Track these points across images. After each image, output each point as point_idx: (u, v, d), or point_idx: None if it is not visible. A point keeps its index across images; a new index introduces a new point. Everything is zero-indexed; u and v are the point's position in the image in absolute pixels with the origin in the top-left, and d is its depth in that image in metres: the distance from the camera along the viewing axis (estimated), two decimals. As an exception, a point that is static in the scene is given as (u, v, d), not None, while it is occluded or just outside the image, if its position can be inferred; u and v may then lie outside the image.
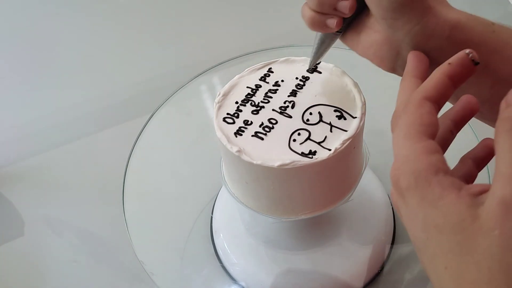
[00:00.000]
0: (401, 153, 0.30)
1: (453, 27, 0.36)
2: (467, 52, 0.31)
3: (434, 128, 0.30)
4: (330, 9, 0.40)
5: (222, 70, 0.73)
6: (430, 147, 0.29)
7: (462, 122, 0.36)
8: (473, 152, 0.37)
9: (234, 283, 0.60)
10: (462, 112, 0.35)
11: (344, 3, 0.39)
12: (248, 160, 0.45)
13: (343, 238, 0.60)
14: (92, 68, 0.91)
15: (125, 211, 0.60)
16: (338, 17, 0.40)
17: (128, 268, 0.64)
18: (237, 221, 0.63)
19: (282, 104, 0.49)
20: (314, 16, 0.41)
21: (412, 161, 0.29)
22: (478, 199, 0.26)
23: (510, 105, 0.26)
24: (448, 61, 0.32)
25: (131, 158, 0.65)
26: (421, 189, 0.28)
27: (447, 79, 0.31)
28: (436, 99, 0.31)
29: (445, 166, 0.28)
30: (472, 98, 0.35)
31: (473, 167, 0.37)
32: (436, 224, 0.27)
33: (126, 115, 0.82)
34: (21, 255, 0.67)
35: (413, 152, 0.29)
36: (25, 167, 0.77)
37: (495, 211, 0.24)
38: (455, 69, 0.32)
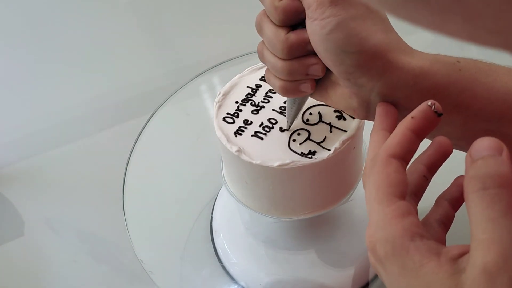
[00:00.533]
0: (373, 218, 0.29)
1: (417, 76, 0.35)
2: (429, 104, 0.31)
3: (403, 187, 0.30)
4: (301, 75, 0.39)
5: (222, 70, 0.73)
6: (402, 210, 0.29)
7: (436, 166, 0.35)
8: (448, 192, 0.37)
9: (234, 283, 0.60)
10: (435, 156, 0.35)
11: (315, 67, 0.38)
12: (247, 160, 0.45)
13: (342, 239, 0.60)
14: (92, 68, 0.91)
15: (125, 211, 0.60)
16: (311, 80, 0.40)
17: (128, 268, 0.64)
18: (237, 221, 0.63)
19: (282, 104, 0.49)
20: (285, 84, 0.40)
21: (385, 228, 0.28)
22: (459, 264, 0.26)
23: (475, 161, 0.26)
24: (411, 114, 0.31)
25: (131, 158, 0.65)
26: (399, 257, 0.27)
27: (411, 134, 0.31)
28: (401, 156, 0.31)
29: (419, 229, 0.28)
30: (444, 140, 0.34)
31: (449, 208, 0.36)
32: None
33: (126, 115, 0.82)
34: (21, 255, 0.67)
35: (385, 217, 0.29)
36: (25, 167, 0.77)
37: (479, 280, 0.24)
38: (418, 123, 0.31)
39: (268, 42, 0.40)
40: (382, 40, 0.35)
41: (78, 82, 0.89)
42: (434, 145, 0.34)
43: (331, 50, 0.35)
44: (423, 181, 0.35)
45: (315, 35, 0.36)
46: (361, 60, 0.35)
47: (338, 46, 0.35)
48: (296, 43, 0.38)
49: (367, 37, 0.35)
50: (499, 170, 0.25)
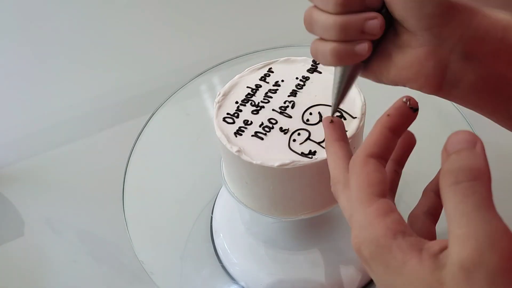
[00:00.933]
0: (356, 219, 0.30)
1: (506, 28, 0.32)
2: (404, 100, 0.31)
3: (383, 185, 0.30)
4: (357, 32, 0.33)
5: (222, 70, 0.73)
6: (383, 208, 0.29)
7: (403, 159, 0.35)
8: (434, 183, 0.36)
9: (234, 283, 0.60)
10: (401, 150, 0.35)
11: (373, 22, 0.33)
12: (248, 160, 0.45)
13: (343, 238, 0.60)
14: (92, 68, 0.91)
15: (125, 211, 0.60)
16: (368, 41, 0.34)
17: (128, 268, 0.64)
18: (237, 221, 0.63)
19: (282, 104, 0.49)
20: (338, 47, 0.34)
21: (368, 228, 0.28)
22: (440, 260, 0.26)
23: (450, 155, 0.25)
24: (387, 112, 0.31)
25: (131, 158, 0.65)
26: (383, 256, 0.28)
27: (388, 132, 0.31)
28: (379, 154, 0.31)
29: (401, 226, 0.28)
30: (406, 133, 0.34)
31: (436, 199, 0.35)
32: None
33: (126, 115, 0.82)
34: (21, 255, 0.67)
35: (367, 217, 0.29)
36: (25, 167, 0.77)
37: (458, 277, 0.24)
38: (395, 120, 0.31)
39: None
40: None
41: (78, 82, 0.89)
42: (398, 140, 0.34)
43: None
44: (395, 176, 0.35)
45: None
46: (447, 2, 0.31)
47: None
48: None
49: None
50: (472, 163, 0.25)
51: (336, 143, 0.35)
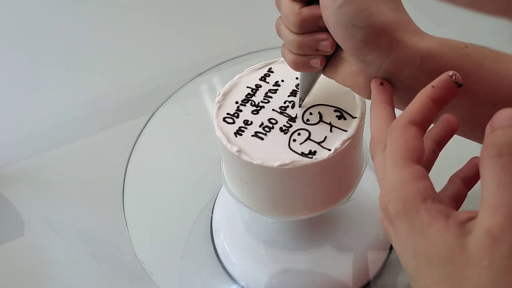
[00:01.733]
0: (389, 179, 0.30)
1: (424, 56, 0.36)
2: (450, 74, 0.32)
3: (420, 152, 0.30)
4: (311, 50, 0.41)
5: (222, 70, 0.73)
6: (418, 173, 0.29)
7: (443, 141, 0.36)
8: (462, 171, 0.37)
9: (234, 283, 0.60)
10: (442, 132, 0.36)
11: (325, 43, 0.40)
12: (248, 160, 0.45)
13: (342, 238, 0.60)
14: (92, 68, 0.91)
15: (125, 211, 0.60)
16: (321, 56, 0.42)
17: (128, 268, 0.64)
18: (237, 221, 0.63)
19: (282, 104, 0.49)
20: (296, 58, 0.42)
21: (400, 188, 0.29)
22: (466, 227, 0.26)
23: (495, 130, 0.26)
24: (432, 83, 0.32)
25: (131, 158, 0.65)
26: (409, 216, 0.28)
27: (431, 102, 0.32)
28: (420, 123, 0.31)
29: (433, 192, 0.29)
30: (451, 117, 0.35)
31: (462, 186, 0.37)
32: (426, 254, 0.27)
33: (126, 115, 0.82)
34: (21, 255, 0.67)
35: (401, 178, 0.29)
36: (25, 167, 0.77)
37: (483, 242, 0.25)
38: (439, 92, 0.32)
39: (283, 15, 0.41)
40: (391, 18, 0.36)
41: (78, 82, 0.89)
42: (442, 122, 0.36)
43: (341, 24, 0.36)
44: (431, 155, 0.36)
45: (327, 8, 0.37)
46: (369, 36, 0.36)
47: (348, 20, 0.36)
48: (308, 17, 0.39)
49: (376, 13, 0.36)
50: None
51: (382, 104, 0.36)
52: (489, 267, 0.24)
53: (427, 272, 0.27)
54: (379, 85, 0.37)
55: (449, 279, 0.26)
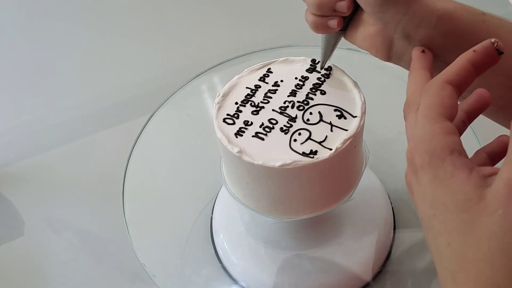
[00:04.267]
0: (418, 131, 0.30)
1: (440, 17, 0.37)
2: (492, 41, 0.32)
3: (453, 111, 0.31)
4: (329, 11, 0.42)
5: (222, 70, 0.73)
6: (448, 128, 0.30)
7: (474, 114, 0.36)
8: (488, 146, 0.38)
9: (234, 283, 0.60)
10: (475, 104, 0.36)
11: (341, 3, 0.41)
12: (249, 160, 0.45)
13: (343, 238, 0.60)
14: (92, 68, 0.91)
15: (125, 211, 0.60)
16: (338, 17, 0.43)
17: (128, 268, 0.64)
18: (237, 221, 0.63)
19: (282, 104, 0.49)
20: (316, 19, 0.43)
21: (428, 140, 0.29)
22: (487, 180, 0.27)
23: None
24: (473, 48, 0.32)
25: (131, 158, 0.65)
26: (434, 167, 0.28)
27: (471, 66, 0.32)
28: (457, 83, 0.32)
29: (460, 147, 0.29)
30: (485, 92, 0.35)
31: (486, 160, 0.37)
32: (444, 202, 0.27)
33: (126, 115, 0.82)
34: (21, 255, 0.67)
35: (431, 131, 0.30)
36: (25, 167, 0.77)
37: (500, 193, 0.25)
38: (480, 57, 0.32)
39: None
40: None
41: (78, 82, 0.89)
42: (475, 95, 0.36)
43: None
44: (461, 125, 0.36)
45: None
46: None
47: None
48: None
49: None
50: None
51: (421, 70, 0.36)
52: (504, 216, 0.24)
53: (442, 220, 0.28)
54: (420, 52, 0.38)
55: (463, 226, 0.26)
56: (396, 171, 0.68)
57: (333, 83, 0.51)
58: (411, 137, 0.31)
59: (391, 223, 0.63)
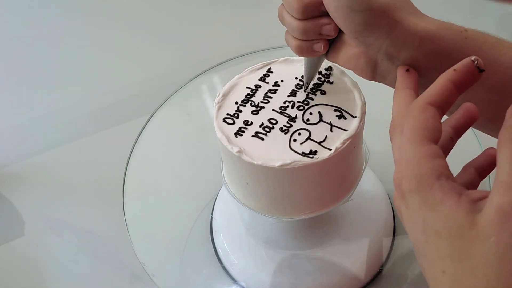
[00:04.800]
0: (404, 156, 0.30)
1: (423, 38, 0.37)
2: (472, 59, 0.32)
3: (437, 132, 0.31)
4: (315, 35, 0.42)
5: (222, 70, 0.73)
6: (434, 151, 0.29)
7: (462, 130, 0.36)
8: (476, 161, 0.38)
9: (234, 283, 0.60)
10: (462, 120, 0.36)
11: (328, 27, 0.41)
12: (248, 160, 0.45)
13: (343, 238, 0.60)
14: (92, 68, 0.91)
15: (125, 211, 0.60)
16: (324, 40, 0.43)
17: (128, 268, 0.64)
18: (237, 221, 0.63)
19: (282, 104, 0.49)
20: (300, 44, 0.43)
21: (415, 165, 0.29)
22: (477, 205, 0.27)
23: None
24: (454, 67, 0.32)
25: (131, 158, 0.65)
26: (422, 192, 0.28)
27: (452, 85, 0.32)
28: (440, 105, 0.31)
29: (447, 171, 0.29)
30: (472, 106, 0.35)
31: (475, 175, 0.37)
32: (436, 229, 0.27)
33: (126, 115, 0.82)
34: (21, 255, 0.67)
35: (416, 155, 0.29)
36: (25, 167, 0.77)
37: (493, 219, 0.25)
38: (460, 76, 0.32)
39: (286, 3, 0.42)
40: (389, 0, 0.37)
41: (78, 82, 0.89)
42: (462, 110, 0.36)
43: (341, 8, 0.38)
44: (449, 142, 0.36)
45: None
46: (368, 18, 0.37)
47: (348, 5, 0.37)
48: (310, 3, 0.40)
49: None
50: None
51: (406, 90, 0.36)
52: (497, 243, 0.24)
53: (436, 247, 0.27)
54: (405, 71, 0.38)
55: (457, 254, 0.26)
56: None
57: (333, 83, 0.51)
58: (397, 160, 0.31)
59: (391, 223, 0.63)
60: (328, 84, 0.51)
